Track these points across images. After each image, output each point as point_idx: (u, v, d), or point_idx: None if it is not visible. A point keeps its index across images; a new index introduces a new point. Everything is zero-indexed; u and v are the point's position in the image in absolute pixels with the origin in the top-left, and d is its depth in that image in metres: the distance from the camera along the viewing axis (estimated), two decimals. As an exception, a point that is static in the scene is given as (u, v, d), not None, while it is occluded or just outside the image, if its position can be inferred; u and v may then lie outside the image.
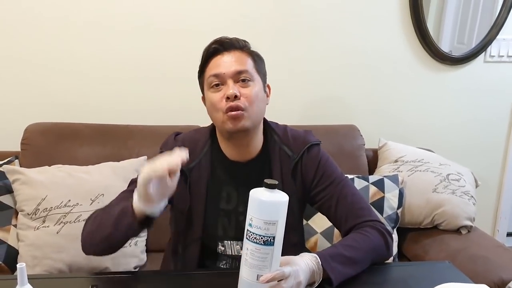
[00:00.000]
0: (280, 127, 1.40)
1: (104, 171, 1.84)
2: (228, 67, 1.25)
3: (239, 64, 1.26)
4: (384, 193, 1.99)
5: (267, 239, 0.99)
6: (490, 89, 2.57)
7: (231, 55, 1.27)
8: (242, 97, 1.24)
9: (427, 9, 2.37)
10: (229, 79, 1.25)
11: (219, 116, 1.26)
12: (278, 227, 1.00)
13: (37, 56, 2.07)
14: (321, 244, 1.89)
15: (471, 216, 2.04)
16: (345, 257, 1.18)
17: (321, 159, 1.36)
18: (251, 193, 1.01)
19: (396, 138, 2.31)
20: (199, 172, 1.33)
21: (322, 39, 2.31)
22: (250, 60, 1.29)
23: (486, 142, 2.63)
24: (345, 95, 2.40)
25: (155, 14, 2.13)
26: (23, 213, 1.74)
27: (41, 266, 1.68)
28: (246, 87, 1.26)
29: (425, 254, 1.96)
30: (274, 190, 1.01)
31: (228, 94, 1.23)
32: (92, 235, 1.22)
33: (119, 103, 2.17)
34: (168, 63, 2.18)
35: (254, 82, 1.28)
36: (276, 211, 1.00)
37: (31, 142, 1.94)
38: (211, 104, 1.28)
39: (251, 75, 1.27)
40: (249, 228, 1.00)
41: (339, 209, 1.32)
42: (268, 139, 1.36)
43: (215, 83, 1.27)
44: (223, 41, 1.29)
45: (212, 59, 1.29)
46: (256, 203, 0.99)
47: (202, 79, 1.32)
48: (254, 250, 1.00)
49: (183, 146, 1.32)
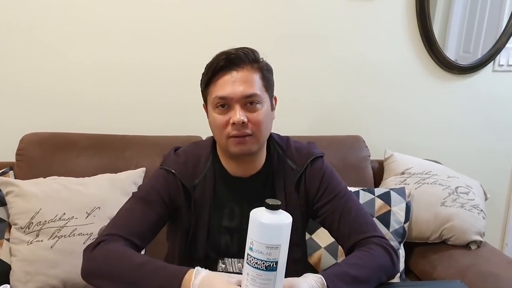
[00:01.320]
0: (282, 139, 1.36)
1: (100, 183, 1.79)
2: (236, 91, 1.18)
3: (248, 87, 1.19)
4: (390, 206, 1.92)
5: (269, 265, 0.92)
6: (499, 99, 2.52)
7: (240, 75, 1.19)
8: (250, 122, 1.19)
9: (433, 18, 2.32)
10: (237, 104, 1.18)
11: (223, 138, 1.22)
12: (281, 251, 0.92)
13: (34, 65, 2.02)
14: (325, 260, 1.84)
15: (480, 231, 1.98)
16: (351, 276, 1.12)
17: (325, 172, 1.32)
18: (251, 214, 0.95)
19: (403, 149, 2.26)
20: (203, 189, 1.29)
21: (327, 48, 2.26)
22: (259, 79, 1.22)
23: (494, 153, 2.58)
24: (350, 105, 2.35)
25: (155, 23, 2.08)
26: (16, 226, 1.68)
27: (34, 282, 1.62)
28: (254, 111, 1.20)
29: (433, 270, 1.90)
30: (277, 211, 0.93)
31: (235, 121, 1.17)
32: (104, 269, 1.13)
33: (116, 113, 2.12)
34: (168, 72, 2.13)
35: (263, 103, 1.22)
36: (279, 234, 0.93)
37: (27, 153, 1.89)
38: (215, 124, 1.23)
39: (259, 97, 1.21)
40: (250, 252, 0.93)
41: (342, 223, 1.27)
42: (271, 153, 1.32)
43: (220, 104, 1.20)
44: (232, 57, 1.20)
45: (218, 75, 1.21)
46: (257, 226, 0.92)
47: (206, 93, 1.25)
48: (255, 276, 0.93)
49: (186, 161, 1.29)
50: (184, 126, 2.05)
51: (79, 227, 1.67)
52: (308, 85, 2.28)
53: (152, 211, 1.24)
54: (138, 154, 1.95)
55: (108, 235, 1.19)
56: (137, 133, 2.04)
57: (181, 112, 2.14)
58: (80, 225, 1.67)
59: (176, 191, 1.27)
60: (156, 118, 2.16)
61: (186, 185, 1.27)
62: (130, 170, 1.87)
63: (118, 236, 1.18)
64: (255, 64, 1.23)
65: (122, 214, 1.25)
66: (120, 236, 1.18)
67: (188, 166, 1.29)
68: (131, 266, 1.09)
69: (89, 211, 1.70)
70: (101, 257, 1.14)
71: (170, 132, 2.04)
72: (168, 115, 2.15)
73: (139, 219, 1.22)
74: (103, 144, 1.95)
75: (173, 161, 1.29)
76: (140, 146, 1.97)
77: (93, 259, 1.15)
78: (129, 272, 1.09)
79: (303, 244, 1.39)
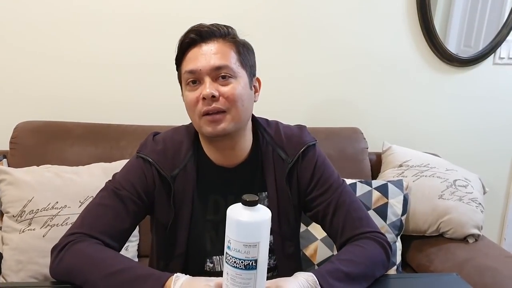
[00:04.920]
0: (271, 124, 1.28)
1: (94, 172, 1.76)
2: (205, 62, 1.10)
3: (219, 58, 1.11)
4: (387, 198, 1.90)
5: (248, 263, 0.88)
6: (499, 92, 2.49)
7: (210, 47, 1.12)
8: (222, 97, 1.10)
9: (434, 11, 2.29)
10: (206, 76, 1.11)
11: (196, 119, 1.14)
12: (261, 249, 0.88)
13: (28, 53, 2.00)
14: (321, 252, 1.82)
15: (478, 225, 1.96)
16: (344, 273, 1.08)
17: (317, 160, 1.25)
18: (228, 211, 0.89)
19: (401, 141, 2.24)
20: (184, 179, 1.19)
21: (326, 40, 2.23)
22: (233, 52, 1.13)
23: (494, 147, 2.55)
24: (348, 97, 2.32)
25: (151, 13, 2.05)
26: (9, 215, 1.66)
27: (26, 271, 1.61)
28: (226, 85, 1.11)
29: (430, 264, 1.88)
30: (254, 207, 0.88)
31: (204, 95, 1.09)
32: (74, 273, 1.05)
33: (112, 102, 2.10)
34: (163, 63, 2.09)
35: (237, 78, 1.13)
36: (257, 232, 0.88)
37: (20, 141, 1.87)
38: (187, 103, 1.15)
39: (233, 71, 1.12)
40: (228, 251, 0.89)
41: (335, 218, 1.21)
42: (258, 140, 1.24)
43: (191, 80, 1.13)
44: (201, 30, 1.13)
45: (188, 51, 1.14)
46: (234, 224, 0.87)
47: (179, 73, 1.18)
48: (235, 276, 0.89)
49: (166, 148, 1.20)
50: (180, 116, 2.01)
51: (72, 216, 1.65)
52: (306, 76, 2.25)
53: (125, 208, 1.15)
54: (133, 144, 1.91)
55: (76, 234, 1.10)
56: (133, 123, 2.01)
57: (176, 102, 2.10)
58: (73, 214, 1.65)
59: (153, 183, 1.18)
60: (152, 108, 2.13)
61: (164, 175, 1.17)
62: (124, 160, 1.83)
63: (89, 236, 1.10)
64: (230, 39, 1.15)
65: (92, 210, 1.16)
66: (91, 236, 1.10)
67: (167, 155, 1.19)
68: (105, 274, 1.02)
69: (82, 200, 1.68)
70: (72, 260, 1.07)
71: (166, 122, 2.01)
72: (164, 105, 2.12)
73: (110, 218, 1.13)
74: (98, 133, 1.93)
75: (150, 149, 1.20)
76: (136, 136, 1.94)
77: (61, 260, 1.08)
78: (102, 281, 1.01)
79: (296, 238, 1.32)
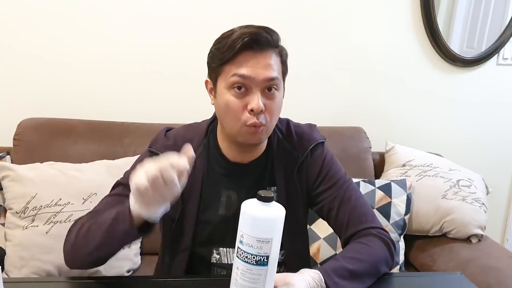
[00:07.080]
0: (282, 122, 1.30)
1: (98, 169, 1.76)
2: (260, 72, 1.09)
3: (273, 71, 1.11)
4: (391, 198, 1.90)
5: (260, 259, 0.88)
6: (502, 93, 2.48)
7: (266, 57, 1.11)
8: (266, 111, 1.11)
9: (437, 11, 2.29)
10: (257, 87, 1.10)
11: (235, 126, 1.13)
12: (273, 245, 0.88)
13: (32, 50, 2.00)
14: (324, 251, 1.82)
15: (482, 225, 1.95)
16: (349, 271, 1.08)
17: (326, 157, 1.27)
18: (242, 205, 0.90)
19: (404, 141, 2.24)
20: (192, 174, 1.17)
21: (329, 38, 2.23)
22: (279, 63, 1.15)
23: (497, 147, 2.54)
24: (352, 96, 2.32)
25: (156, 10, 2.05)
26: (12, 211, 1.66)
27: (29, 268, 1.61)
28: (271, 99, 1.12)
29: (433, 264, 1.88)
30: (270, 203, 0.89)
31: (255, 108, 1.09)
32: (79, 246, 1.09)
33: (115, 99, 2.10)
34: (167, 60, 2.10)
35: (280, 91, 1.15)
36: (271, 228, 0.88)
37: (24, 138, 1.87)
38: (228, 108, 1.12)
39: (278, 84, 1.13)
40: (240, 245, 0.89)
41: (341, 213, 1.22)
42: (271, 137, 1.25)
43: (237, 86, 1.10)
44: (259, 38, 1.10)
45: (241, 53, 1.09)
46: (248, 219, 0.88)
47: (220, 71, 1.13)
48: (245, 270, 0.89)
49: (176, 144, 1.19)
50: (184, 114, 2.01)
51: (75, 213, 1.64)
52: (309, 75, 2.25)
53: None
54: (137, 141, 1.92)
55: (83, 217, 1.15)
56: (136, 121, 2.01)
57: (181, 99, 2.11)
58: (76, 210, 1.65)
59: None
60: (156, 105, 2.13)
61: None
62: (128, 157, 1.84)
63: None
64: (277, 48, 1.16)
65: (102, 201, 1.19)
66: None
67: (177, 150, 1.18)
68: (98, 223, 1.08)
69: (86, 197, 1.68)
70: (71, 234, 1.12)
71: (169, 120, 2.01)
72: (168, 103, 2.13)
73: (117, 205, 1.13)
74: (102, 130, 1.93)
75: (161, 144, 1.22)
76: (139, 133, 1.94)
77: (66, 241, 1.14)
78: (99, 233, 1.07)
79: (305, 234, 1.34)
